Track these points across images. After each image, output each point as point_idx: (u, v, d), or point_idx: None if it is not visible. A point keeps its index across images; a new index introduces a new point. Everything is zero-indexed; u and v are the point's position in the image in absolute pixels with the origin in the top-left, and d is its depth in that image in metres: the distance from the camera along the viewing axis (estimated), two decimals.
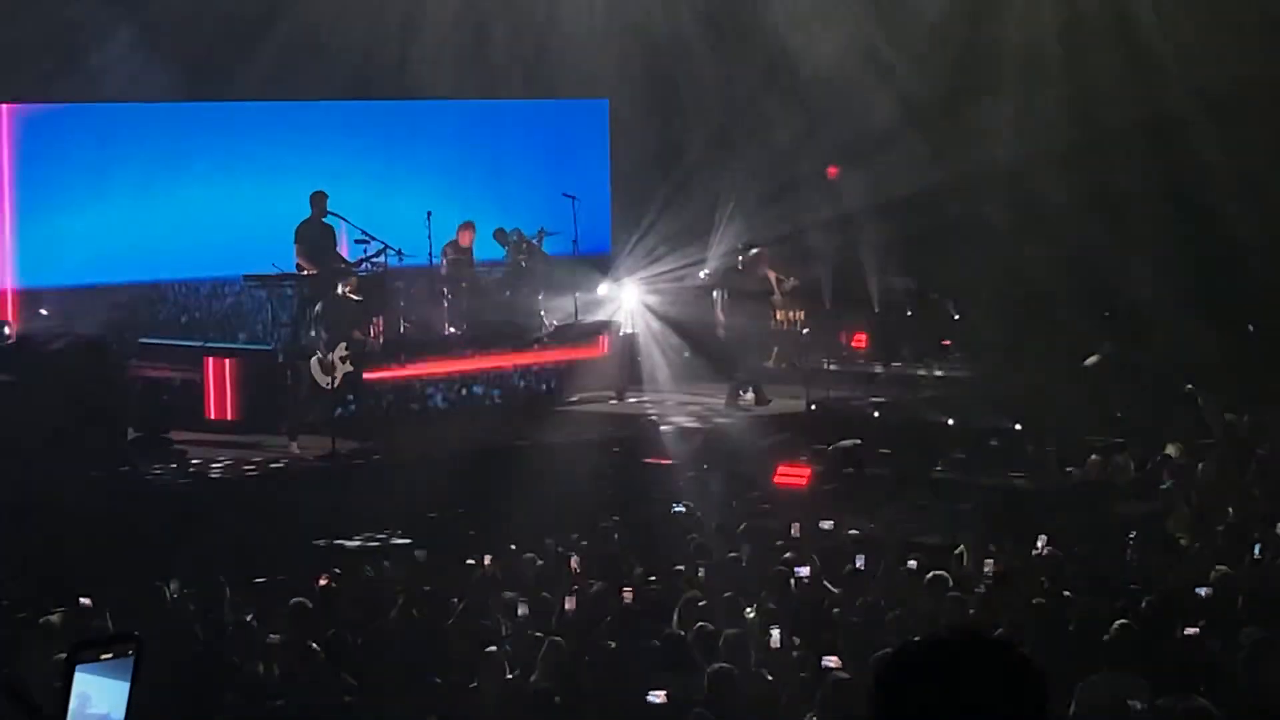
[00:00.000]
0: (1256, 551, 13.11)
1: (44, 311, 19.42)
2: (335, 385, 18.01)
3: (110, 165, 20.65)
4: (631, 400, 20.85)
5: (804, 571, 12.91)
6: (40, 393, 16.30)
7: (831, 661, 10.58)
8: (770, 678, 10.59)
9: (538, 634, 11.22)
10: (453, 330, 20.82)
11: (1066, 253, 21.94)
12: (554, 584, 12.95)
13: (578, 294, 21.53)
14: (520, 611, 12.00)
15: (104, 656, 3.74)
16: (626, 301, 22.24)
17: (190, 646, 10.96)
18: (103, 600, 12.06)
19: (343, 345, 18.07)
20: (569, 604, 12.24)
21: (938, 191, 22.44)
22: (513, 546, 14.19)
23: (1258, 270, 21.43)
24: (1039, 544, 13.78)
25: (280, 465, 17.63)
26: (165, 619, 11.73)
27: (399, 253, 20.17)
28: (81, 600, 12.06)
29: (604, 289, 22.24)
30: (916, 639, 3.54)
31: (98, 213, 20.38)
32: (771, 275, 21.65)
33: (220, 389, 19.30)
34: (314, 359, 18.06)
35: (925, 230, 22.35)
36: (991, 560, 13.18)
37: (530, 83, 23.36)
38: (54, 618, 11.54)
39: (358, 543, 15.34)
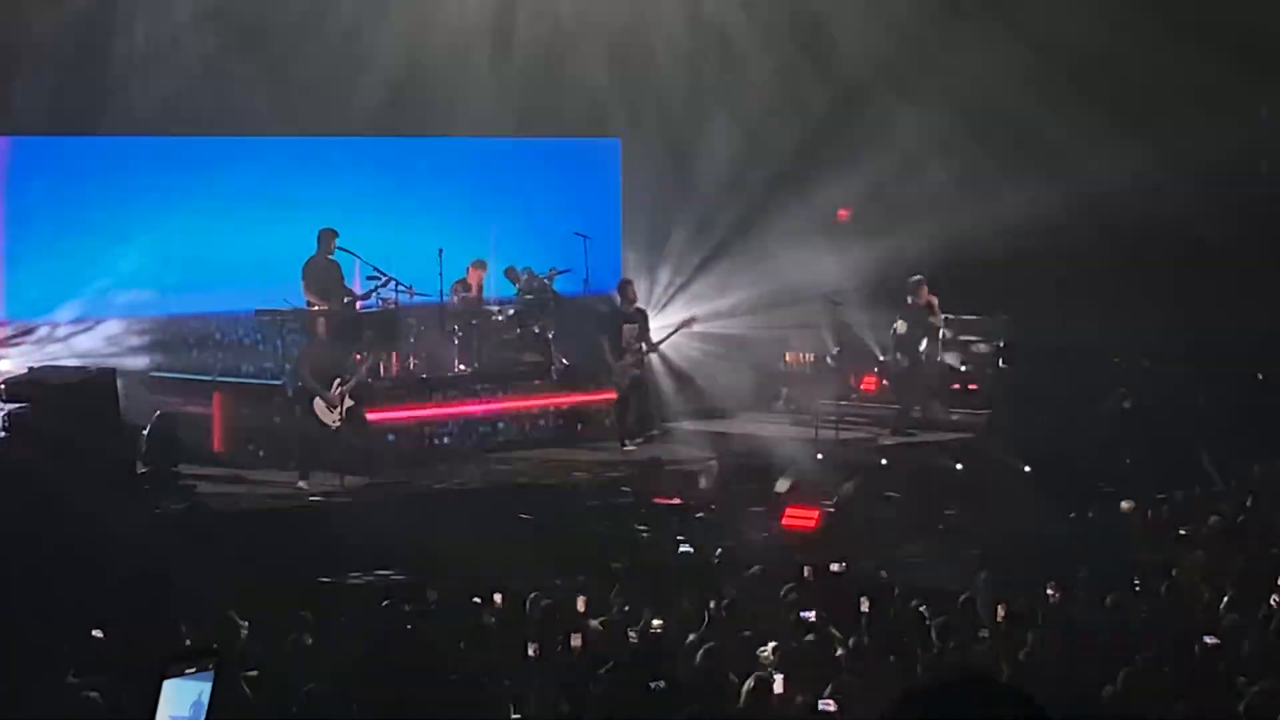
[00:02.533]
0: (1274, 602, 13.05)
1: (55, 344, 19.46)
2: (339, 422, 18.05)
3: (123, 199, 20.70)
4: (639, 442, 20.75)
5: (810, 615, 12.88)
6: (50, 425, 16.29)
7: (829, 705, 10.55)
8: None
9: (541, 675, 11.20)
10: (462, 368, 20.84)
11: (1078, 298, 21.99)
12: (560, 624, 12.93)
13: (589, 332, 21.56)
14: (530, 651, 11.98)
15: (188, 670, 3.93)
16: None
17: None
18: (113, 632, 12.07)
19: (336, 382, 18.12)
20: (575, 641, 12.23)
21: (954, 233, 22.49)
22: (514, 586, 14.16)
23: (1268, 318, 21.45)
24: (1048, 590, 13.73)
25: (289, 501, 17.62)
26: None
27: (409, 289, 20.20)
28: (93, 633, 12.06)
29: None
30: (927, 681, 3.54)
31: (109, 246, 20.45)
32: (934, 301, 21.74)
33: (231, 423, 19.32)
34: (317, 400, 18.08)
35: (937, 274, 22.37)
36: (1001, 606, 13.14)
37: (542, 121, 23.42)
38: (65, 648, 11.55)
39: (365, 579, 15.30)
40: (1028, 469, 19.04)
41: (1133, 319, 21.85)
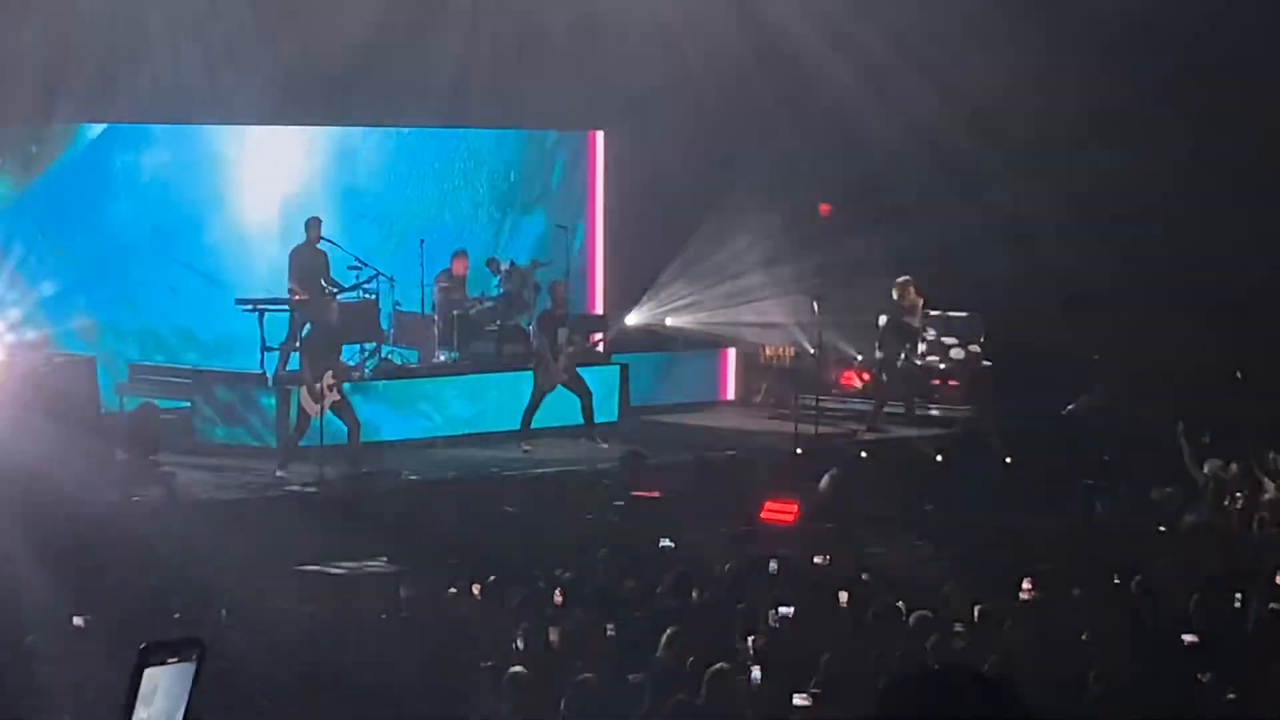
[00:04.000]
0: (1237, 600, 13.13)
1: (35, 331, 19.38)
2: (322, 413, 17.93)
3: (106, 186, 20.65)
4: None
5: (787, 610, 12.89)
6: (29, 413, 16.28)
7: (802, 699, 10.57)
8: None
9: (515, 666, 11.20)
10: (442, 358, 20.83)
11: (1058, 294, 22.05)
12: (538, 615, 12.93)
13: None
14: (519, 644, 11.98)
15: (170, 660, 3.87)
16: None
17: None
18: (96, 621, 12.07)
19: (329, 374, 18.00)
20: (553, 635, 12.23)
21: (939, 228, 22.55)
22: (493, 578, 14.16)
23: (1250, 316, 21.48)
24: (1025, 586, 13.77)
25: (268, 490, 17.59)
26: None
27: (390, 280, 20.24)
28: (74, 620, 12.05)
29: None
30: (908, 672, 3.56)
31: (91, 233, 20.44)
32: (920, 300, 21.80)
33: (212, 411, 19.31)
34: (303, 388, 18.00)
35: (915, 268, 22.40)
36: (977, 601, 13.16)
37: (526, 113, 23.39)
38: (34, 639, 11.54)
39: (343, 570, 15.26)
40: (1008, 460, 19.13)
41: (1114, 316, 21.92)
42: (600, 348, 21.92)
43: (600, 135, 24.58)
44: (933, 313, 22.40)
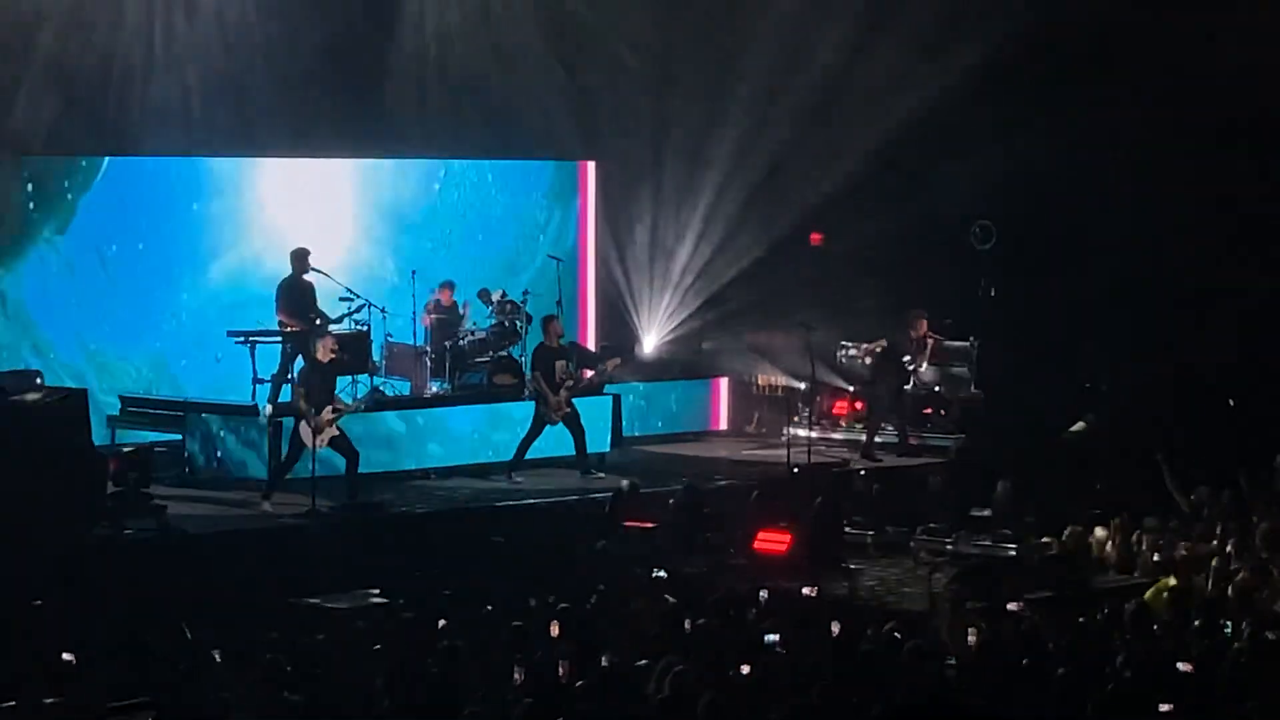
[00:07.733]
0: (1228, 629, 13.12)
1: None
2: (321, 445, 17.83)
3: (94, 216, 20.64)
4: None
5: (778, 639, 12.87)
6: (19, 446, 16.24)
7: None
8: None
9: (519, 698, 11.18)
10: (434, 390, 20.82)
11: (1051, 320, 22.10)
12: (534, 648, 12.90)
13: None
14: (517, 677, 11.94)
15: None
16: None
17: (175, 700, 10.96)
18: (83, 656, 12.03)
19: (329, 409, 17.92)
20: (561, 669, 12.19)
21: (919, 252, 22.60)
22: (488, 609, 14.13)
23: (1240, 342, 21.52)
24: (1018, 615, 13.75)
25: (260, 523, 17.52)
26: (146, 674, 11.69)
27: (382, 311, 20.24)
28: (63, 656, 12.00)
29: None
30: (900, 708, 3.56)
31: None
32: (930, 337, 21.82)
33: (204, 444, 19.28)
34: (302, 422, 17.88)
35: (904, 294, 22.46)
36: (971, 630, 13.15)
37: (517, 143, 23.41)
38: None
39: (335, 603, 15.23)
40: (999, 488, 19.14)
41: (1104, 343, 21.97)
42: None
43: (592, 165, 24.57)
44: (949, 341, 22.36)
